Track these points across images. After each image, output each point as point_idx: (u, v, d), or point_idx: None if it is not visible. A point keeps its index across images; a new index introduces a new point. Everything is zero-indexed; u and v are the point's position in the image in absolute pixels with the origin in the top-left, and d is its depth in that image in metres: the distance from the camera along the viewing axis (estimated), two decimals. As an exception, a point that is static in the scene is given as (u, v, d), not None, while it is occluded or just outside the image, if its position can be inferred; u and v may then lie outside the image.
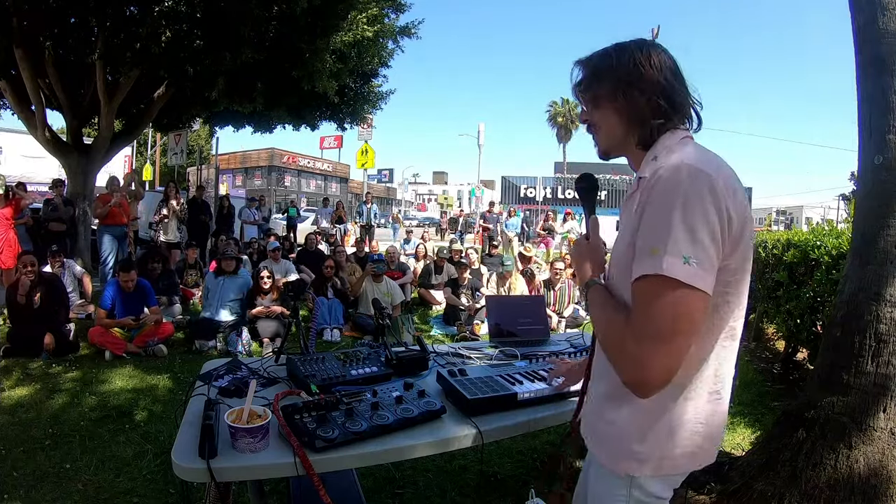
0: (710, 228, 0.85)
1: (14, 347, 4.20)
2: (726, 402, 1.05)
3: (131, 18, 6.55)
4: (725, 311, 0.97)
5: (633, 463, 1.01)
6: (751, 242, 0.96)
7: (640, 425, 1.01)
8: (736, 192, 0.90)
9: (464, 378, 1.70)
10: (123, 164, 19.33)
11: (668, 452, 1.00)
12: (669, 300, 0.85)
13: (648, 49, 0.99)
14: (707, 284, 0.86)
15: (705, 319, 0.90)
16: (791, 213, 48.95)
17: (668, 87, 0.98)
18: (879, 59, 2.08)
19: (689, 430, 1.00)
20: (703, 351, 0.98)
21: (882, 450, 1.94)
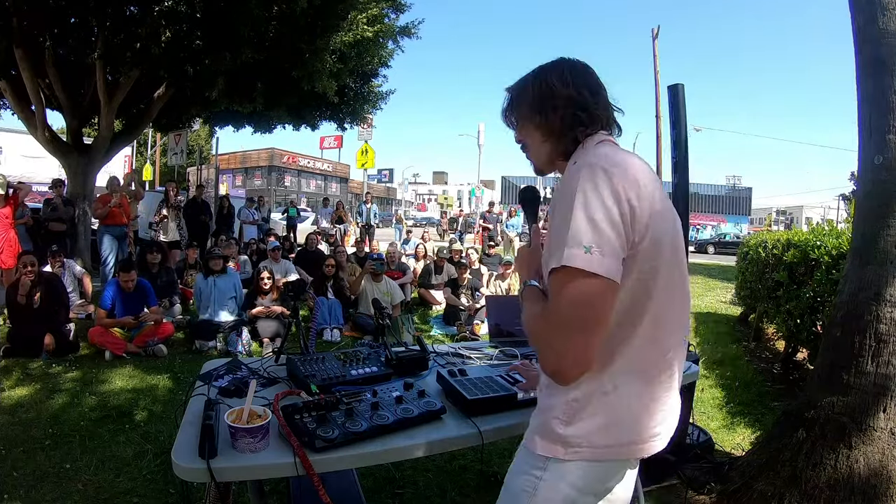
0: (609, 218, 0.91)
1: (14, 347, 4.20)
2: (664, 395, 1.05)
3: (131, 18, 6.55)
4: (645, 298, 0.99)
5: (557, 446, 1.03)
6: (667, 232, 0.99)
7: (567, 410, 1.03)
8: (640, 185, 0.95)
9: (464, 378, 1.70)
10: (123, 164, 19.32)
11: (594, 440, 1.01)
12: (573, 290, 0.90)
13: (561, 68, 1.09)
14: (610, 270, 0.90)
15: (612, 305, 0.93)
16: (791, 213, 48.99)
17: (581, 100, 1.05)
18: (879, 59, 2.08)
19: (617, 418, 1.01)
20: (627, 340, 1.00)
21: (882, 450, 1.94)
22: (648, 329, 1.01)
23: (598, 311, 0.91)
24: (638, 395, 1.03)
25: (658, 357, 1.04)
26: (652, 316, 1.01)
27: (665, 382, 1.06)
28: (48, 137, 8.14)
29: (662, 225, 0.98)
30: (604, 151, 1.01)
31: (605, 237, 0.90)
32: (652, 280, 0.99)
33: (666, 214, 1.00)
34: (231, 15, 6.31)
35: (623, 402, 1.02)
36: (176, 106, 9.39)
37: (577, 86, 1.06)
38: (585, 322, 0.91)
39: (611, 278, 0.90)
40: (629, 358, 1.01)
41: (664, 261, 1.00)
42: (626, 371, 1.02)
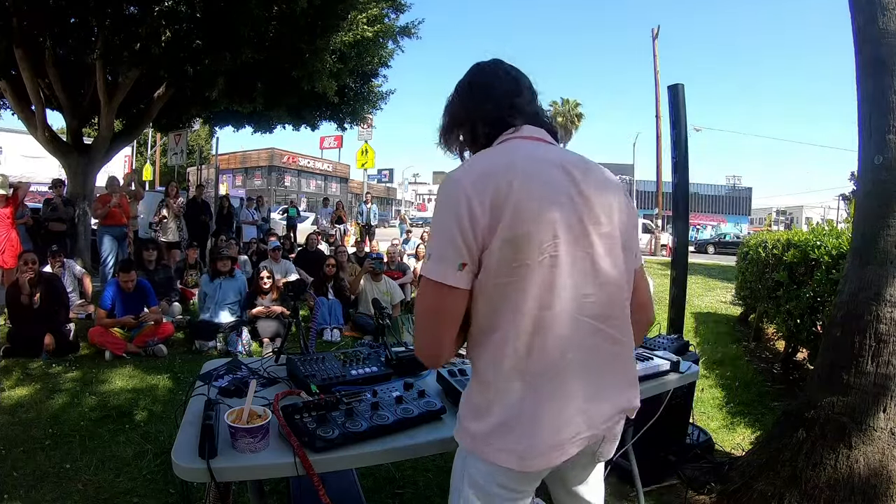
0: (447, 227, 0.96)
1: (14, 347, 4.20)
2: (556, 410, 1.00)
3: (131, 18, 6.55)
4: (511, 304, 0.97)
5: (466, 438, 1.07)
6: (538, 229, 0.96)
7: (471, 404, 1.07)
8: (487, 189, 0.96)
9: (464, 378, 1.70)
10: (123, 164, 19.33)
11: (489, 442, 1.02)
12: (421, 292, 1.03)
13: (457, 91, 1.17)
14: (443, 275, 0.96)
15: (453, 306, 0.99)
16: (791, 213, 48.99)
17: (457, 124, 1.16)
18: (879, 59, 2.08)
19: (505, 425, 1.00)
20: (501, 342, 0.99)
21: (882, 450, 1.94)
22: (521, 327, 0.97)
23: (434, 311, 1.01)
24: (532, 402, 0.99)
25: (544, 363, 0.99)
26: (529, 315, 0.97)
27: (565, 389, 1.00)
28: (48, 137, 8.14)
29: (527, 218, 0.95)
30: (471, 159, 1.07)
31: (442, 245, 0.97)
32: (521, 281, 0.96)
33: (543, 207, 0.97)
34: (231, 15, 6.30)
35: (516, 409, 0.99)
36: (176, 106, 9.38)
37: (493, 96, 1.12)
38: (424, 321, 1.03)
39: (439, 281, 0.97)
40: (510, 363, 0.99)
41: (538, 260, 0.96)
42: (514, 377, 0.99)
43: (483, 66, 1.16)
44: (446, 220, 0.97)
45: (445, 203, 0.98)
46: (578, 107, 37.21)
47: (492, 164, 1.01)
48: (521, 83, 1.14)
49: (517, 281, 0.96)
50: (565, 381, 1.01)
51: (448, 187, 0.99)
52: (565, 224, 0.98)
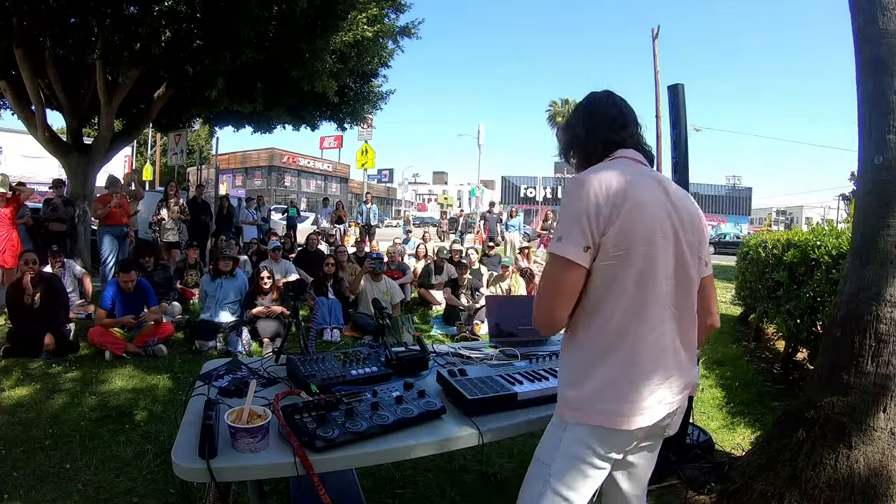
0: (576, 215, 1.18)
1: (14, 347, 4.20)
2: (645, 370, 1.21)
3: (131, 18, 6.54)
4: (616, 280, 1.19)
5: (567, 409, 1.25)
6: (641, 226, 1.19)
7: (571, 375, 1.27)
8: (609, 189, 1.18)
9: (464, 378, 1.70)
10: (123, 164, 19.33)
11: (593, 406, 1.20)
12: (547, 268, 1.24)
13: (577, 116, 1.40)
14: (570, 253, 1.17)
15: (575, 281, 1.20)
16: (791, 213, 48.95)
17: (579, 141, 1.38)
18: (879, 59, 2.08)
19: (608, 387, 1.20)
20: (609, 316, 1.20)
21: (882, 450, 1.94)
22: (629, 310, 1.20)
23: (558, 284, 1.21)
24: (620, 370, 1.20)
25: (646, 333, 1.21)
26: (635, 301, 1.20)
27: (657, 358, 1.22)
28: (48, 137, 8.14)
29: (635, 218, 1.18)
30: (596, 168, 1.26)
31: (570, 230, 1.18)
32: (627, 265, 1.18)
33: (645, 210, 1.20)
34: (231, 15, 6.30)
35: (607, 373, 1.20)
36: (176, 106, 9.38)
37: (605, 123, 1.34)
38: (548, 292, 1.23)
39: (569, 258, 1.17)
40: (613, 336, 1.20)
41: (641, 250, 1.18)
42: (612, 347, 1.20)
43: (599, 97, 1.39)
44: (576, 211, 1.18)
45: (576, 197, 1.20)
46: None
47: (612, 172, 1.23)
48: (626, 114, 1.36)
49: (624, 265, 1.18)
50: (657, 352, 1.22)
51: (578, 185, 1.21)
52: (662, 227, 1.22)
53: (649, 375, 1.21)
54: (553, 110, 37.60)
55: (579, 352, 1.25)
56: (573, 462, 1.23)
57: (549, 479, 1.25)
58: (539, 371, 1.83)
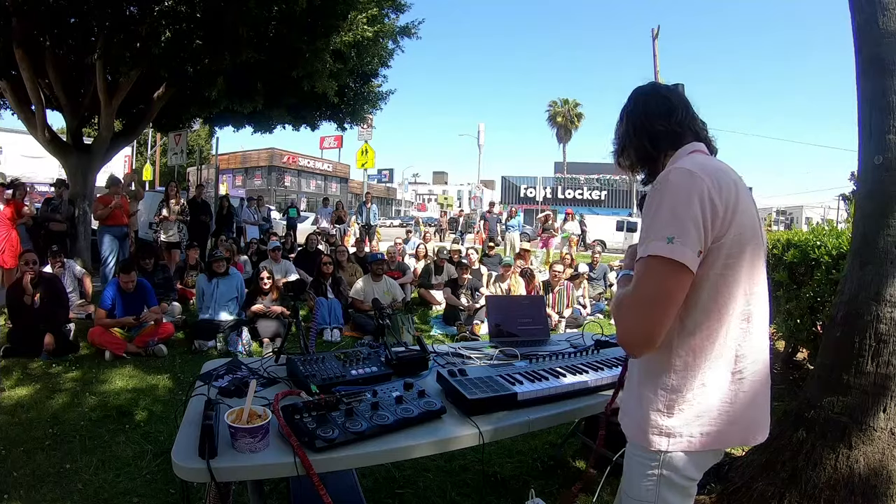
0: (692, 214, 1.01)
1: (14, 347, 4.20)
2: (750, 385, 1.11)
3: (131, 18, 6.55)
4: (727, 290, 1.07)
5: (662, 438, 1.11)
6: (748, 230, 1.07)
7: (665, 401, 1.11)
8: (722, 187, 1.05)
9: (464, 378, 1.70)
10: (123, 164, 19.30)
11: (694, 429, 1.09)
12: (651, 273, 1.03)
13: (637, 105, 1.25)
14: (686, 258, 1.01)
15: (683, 289, 1.04)
16: (791, 213, 48.87)
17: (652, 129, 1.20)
18: (879, 59, 2.08)
19: (712, 407, 1.09)
20: (716, 330, 1.08)
21: (882, 450, 1.94)
22: (734, 321, 1.08)
23: (668, 291, 1.03)
24: (725, 384, 1.09)
25: (746, 350, 1.10)
26: (740, 310, 1.08)
27: (753, 378, 1.11)
28: (48, 137, 8.13)
29: (745, 222, 1.07)
30: (692, 159, 1.12)
31: (685, 230, 1.01)
32: (732, 272, 1.07)
33: (749, 212, 1.09)
34: (231, 15, 6.30)
35: (712, 391, 1.09)
36: (176, 106, 9.37)
37: (650, 116, 1.21)
38: (656, 300, 1.03)
39: (684, 263, 1.01)
40: (717, 348, 1.08)
41: (743, 254, 1.07)
42: (715, 361, 1.08)
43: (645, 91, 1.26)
44: (687, 207, 1.01)
45: (685, 191, 1.02)
46: (578, 107, 37.22)
47: (718, 166, 1.11)
48: (675, 102, 1.22)
49: (734, 274, 1.07)
50: (757, 372, 1.12)
51: (685, 177, 1.04)
52: (757, 229, 1.11)
53: (754, 392, 1.12)
54: (553, 110, 37.65)
55: (678, 373, 1.10)
56: (677, 492, 1.13)
57: None
58: (539, 371, 1.83)
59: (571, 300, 6.26)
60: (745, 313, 1.09)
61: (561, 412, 1.64)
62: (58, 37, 6.93)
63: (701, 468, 1.14)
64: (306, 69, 7.31)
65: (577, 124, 36.96)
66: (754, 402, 1.12)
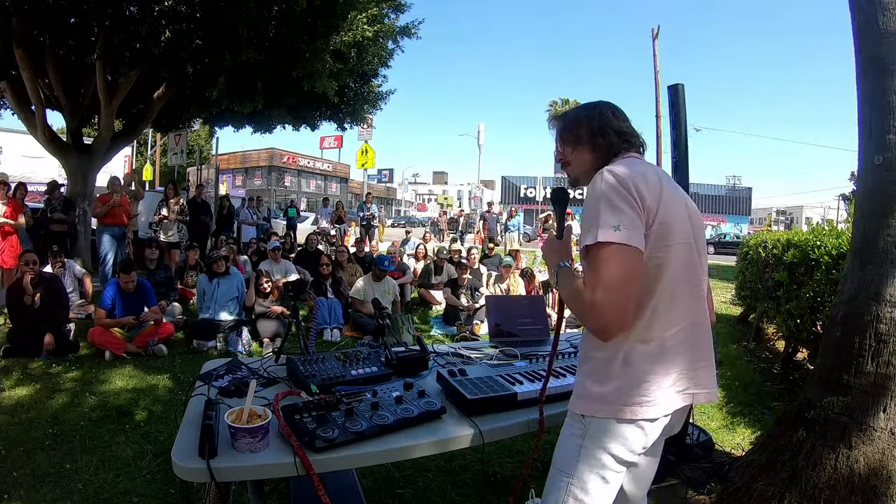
0: (627, 203, 1.15)
1: (14, 347, 4.20)
2: (675, 355, 1.22)
3: (131, 18, 6.54)
4: (657, 271, 1.20)
5: (594, 403, 1.23)
6: (676, 219, 1.22)
7: (599, 371, 1.24)
8: (648, 183, 1.20)
9: (464, 378, 1.70)
10: (123, 164, 19.30)
11: (625, 398, 1.19)
12: (612, 258, 1.13)
13: (610, 107, 1.38)
14: (637, 241, 1.14)
15: (642, 270, 1.16)
16: (791, 213, 48.93)
17: (625, 130, 1.35)
18: (879, 59, 2.08)
19: (641, 376, 1.19)
20: (643, 308, 1.19)
21: (882, 450, 1.94)
22: (665, 301, 1.20)
23: (632, 273, 1.14)
24: (654, 355, 1.20)
25: (674, 326, 1.21)
26: (667, 288, 1.20)
27: (683, 349, 1.22)
28: (48, 137, 8.13)
29: (672, 212, 1.21)
30: (623, 164, 1.26)
31: (627, 217, 1.14)
32: (667, 259, 1.20)
33: (677, 202, 1.24)
34: (231, 15, 6.30)
35: (642, 361, 1.19)
36: (176, 106, 9.38)
37: (622, 121, 1.36)
38: (622, 282, 1.13)
39: (637, 247, 1.13)
40: (649, 325, 1.20)
41: (676, 242, 1.21)
42: (644, 337, 1.20)
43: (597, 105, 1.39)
44: (621, 201, 1.15)
45: (615, 188, 1.17)
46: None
47: (645, 168, 1.26)
48: (622, 117, 1.37)
49: (665, 258, 1.20)
50: (687, 345, 1.23)
51: (612, 177, 1.19)
52: (688, 222, 1.26)
53: (681, 366, 1.22)
54: (553, 110, 37.62)
55: (609, 346, 1.22)
56: (594, 467, 1.22)
57: (569, 486, 1.24)
58: (539, 371, 1.83)
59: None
60: (672, 291, 1.21)
61: (561, 412, 1.63)
62: (58, 37, 6.93)
63: (629, 447, 1.20)
64: (306, 69, 7.31)
65: (577, 124, 36.92)
66: (684, 365, 1.22)
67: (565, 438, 1.29)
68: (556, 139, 1.44)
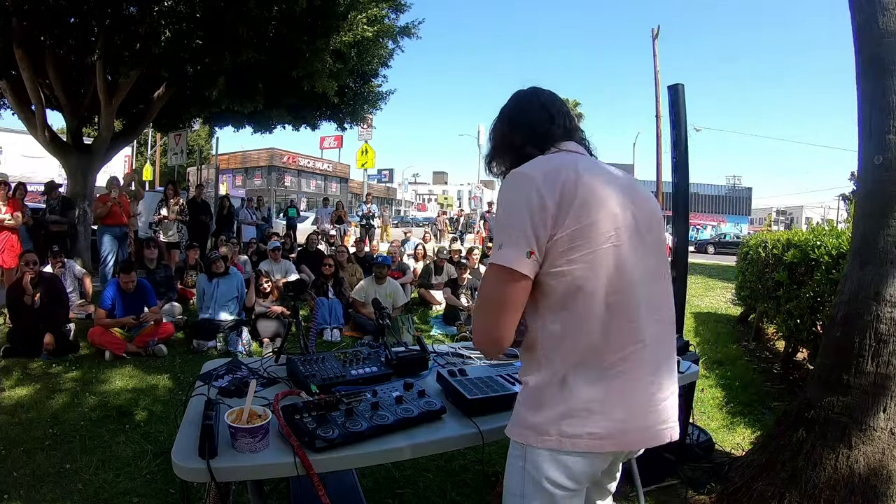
0: (520, 216, 1.02)
1: (14, 347, 4.20)
2: (626, 382, 1.05)
3: (131, 18, 6.55)
4: (581, 284, 1.02)
5: (530, 433, 1.08)
6: (602, 221, 1.03)
7: (531, 398, 1.10)
8: (556, 182, 1.02)
9: (464, 378, 1.70)
10: (123, 164, 19.32)
11: (559, 428, 1.04)
12: (488, 280, 1.07)
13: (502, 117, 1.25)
14: (514, 262, 1.01)
15: (520, 292, 1.04)
16: (791, 213, 48.97)
17: (521, 136, 1.19)
18: (879, 59, 2.08)
19: (577, 406, 1.04)
20: (575, 327, 1.04)
21: (882, 450, 1.94)
22: (599, 316, 1.03)
23: (501, 295, 1.04)
24: (594, 382, 1.04)
25: (619, 347, 1.04)
26: (600, 301, 1.03)
27: (633, 375, 1.05)
28: (48, 137, 8.13)
29: (593, 213, 1.02)
30: (539, 160, 1.11)
31: (513, 234, 1.02)
32: (591, 267, 1.02)
33: (603, 203, 1.04)
34: (231, 15, 6.30)
35: (580, 390, 1.04)
36: (176, 106, 9.38)
37: (515, 126, 1.21)
38: (490, 304, 1.06)
39: (512, 267, 1.01)
40: (583, 347, 1.04)
41: (591, 243, 1.02)
42: (580, 361, 1.04)
43: (522, 93, 1.25)
44: (517, 212, 1.03)
45: (516, 195, 1.04)
46: (578, 106, 37.20)
47: (558, 162, 1.09)
48: (550, 106, 1.21)
49: (588, 267, 1.02)
50: (640, 366, 1.06)
51: (517, 180, 1.06)
52: (623, 220, 1.06)
53: (637, 395, 1.06)
54: (553, 110, 37.59)
55: (542, 371, 1.08)
56: (542, 494, 1.08)
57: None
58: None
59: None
60: (612, 307, 1.03)
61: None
62: (58, 37, 6.93)
63: (573, 476, 1.06)
64: (306, 69, 7.31)
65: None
66: (633, 401, 1.05)
67: (510, 461, 1.15)
68: None
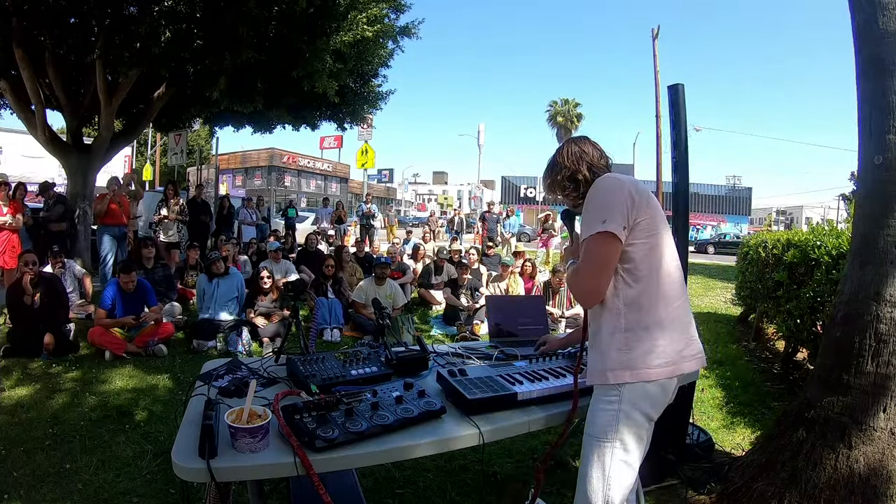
0: (617, 202, 1.43)
1: (14, 347, 4.20)
2: (679, 322, 1.48)
3: (131, 18, 6.54)
4: (654, 255, 1.46)
5: (626, 372, 1.42)
6: (658, 216, 1.48)
7: (622, 341, 1.44)
8: (637, 187, 1.48)
9: (464, 378, 1.70)
10: (123, 164, 19.33)
11: (650, 361, 1.41)
12: (593, 246, 1.44)
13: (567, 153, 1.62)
14: (615, 229, 1.40)
15: (616, 252, 1.44)
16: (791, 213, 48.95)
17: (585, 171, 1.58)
18: (879, 59, 2.08)
19: (657, 343, 1.42)
20: (651, 284, 1.45)
21: (882, 450, 1.94)
22: (664, 277, 1.46)
23: (605, 257, 1.43)
24: (665, 329, 1.44)
25: (674, 299, 1.47)
26: (664, 271, 1.46)
27: (683, 320, 1.50)
28: (48, 137, 8.13)
29: (654, 212, 1.47)
30: (607, 175, 1.56)
31: (612, 213, 1.42)
32: (657, 244, 1.46)
33: (657, 206, 1.50)
34: (231, 15, 6.30)
35: (656, 335, 1.43)
36: (176, 106, 9.37)
37: (578, 163, 1.60)
38: (596, 264, 1.44)
39: (615, 234, 1.40)
40: (654, 300, 1.44)
41: (658, 227, 1.47)
42: (653, 310, 1.44)
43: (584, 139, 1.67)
44: (616, 200, 1.43)
45: (615, 190, 1.46)
46: (578, 107, 37.15)
47: (631, 178, 1.55)
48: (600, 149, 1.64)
49: (654, 243, 1.46)
50: (685, 315, 1.51)
51: (613, 182, 1.49)
52: (662, 215, 1.51)
53: (683, 333, 1.48)
54: (553, 110, 37.60)
55: (626, 320, 1.43)
56: (632, 427, 1.41)
57: (613, 450, 1.41)
58: (539, 371, 1.83)
59: (573, 300, 6.25)
60: (668, 272, 1.47)
61: (561, 412, 1.64)
62: (58, 37, 6.93)
63: (655, 405, 1.44)
64: (306, 69, 7.31)
65: (577, 124, 36.87)
66: (683, 337, 1.47)
67: (599, 411, 1.46)
68: (546, 191, 1.76)
